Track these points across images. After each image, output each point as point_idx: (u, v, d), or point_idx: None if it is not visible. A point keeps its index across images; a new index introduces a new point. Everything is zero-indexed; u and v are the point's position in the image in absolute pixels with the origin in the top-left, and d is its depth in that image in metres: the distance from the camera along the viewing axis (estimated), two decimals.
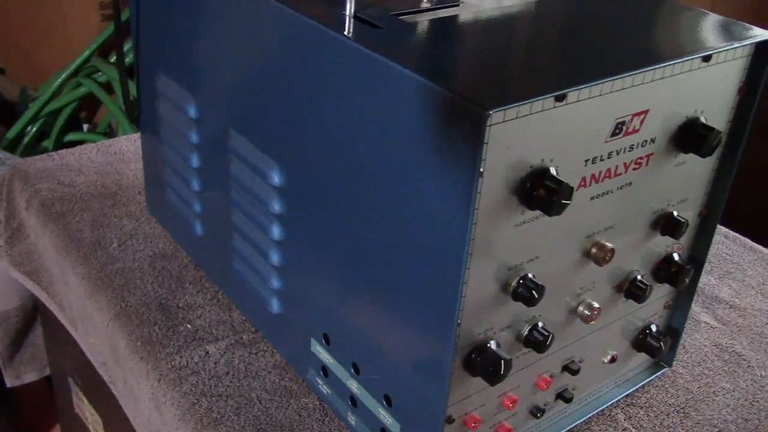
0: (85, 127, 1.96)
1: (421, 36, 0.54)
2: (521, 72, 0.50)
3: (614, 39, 0.56)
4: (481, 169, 0.44)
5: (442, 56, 0.52)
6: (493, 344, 0.53)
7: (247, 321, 0.74)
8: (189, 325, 0.73)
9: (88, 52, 1.81)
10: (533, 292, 0.51)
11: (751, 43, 0.57)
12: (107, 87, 1.81)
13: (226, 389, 0.66)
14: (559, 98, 0.47)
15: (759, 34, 0.57)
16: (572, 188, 0.48)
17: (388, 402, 0.58)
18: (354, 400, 0.61)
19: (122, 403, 0.77)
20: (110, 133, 1.89)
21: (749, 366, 0.74)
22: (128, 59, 1.57)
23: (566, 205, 0.48)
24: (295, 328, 0.66)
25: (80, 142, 1.88)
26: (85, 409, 1.01)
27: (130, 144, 1.03)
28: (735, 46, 0.56)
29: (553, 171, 0.48)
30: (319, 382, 0.65)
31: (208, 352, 0.70)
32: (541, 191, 0.48)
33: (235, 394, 0.66)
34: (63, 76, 1.84)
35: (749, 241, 0.93)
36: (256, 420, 0.64)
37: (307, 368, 0.66)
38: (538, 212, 0.49)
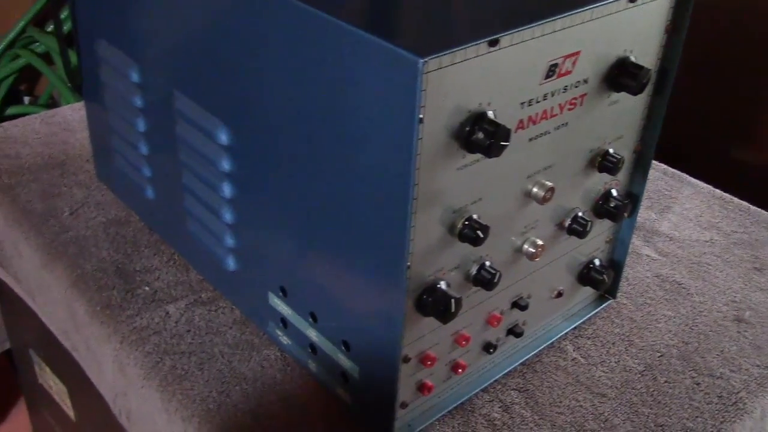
0: (26, 99, 1.92)
1: None
2: (455, 19, 0.52)
3: None
4: (421, 116, 0.46)
5: (378, 7, 0.53)
6: (443, 284, 0.55)
7: (205, 280, 0.75)
8: (147, 288, 0.74)
9: (23, 22, 1.76)
10: (478, 232, 0.54)
11: None
12: (46, 57, 1.77)
13: (188, 346, 0.68)
14: (492, 43, 0.48)
15: None
16: (509, 130, 0.50)
17: (346, 347, 0.60)
18: (314, 348, 0.64)
19: (86, 368, 0.78)
20: (52, 104, 1.86)
21: (688, 293, 0.78)
22: (66, 27, 1.55)
23: (504, 146, 0.50)
24: (252, 283, 0.68)
25: (22, 115, 1.83)
26: (48, 378, 1.01)
27: (74, 113, 1.02)
28: None
29: (490, 114, 0.50)
30: (279, 333, 0.67)
31: (168, 312, 0.71)
32: (479, 135, 0.49)
33: (197, 351, 0.68)
34: None
35: (687, 176, 0.97)
36: (219, 374, 0.66)
37: (267, 321, 0.68)
38: (478, 155, 0.51)
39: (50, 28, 1.78)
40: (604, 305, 0.75)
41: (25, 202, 0.85)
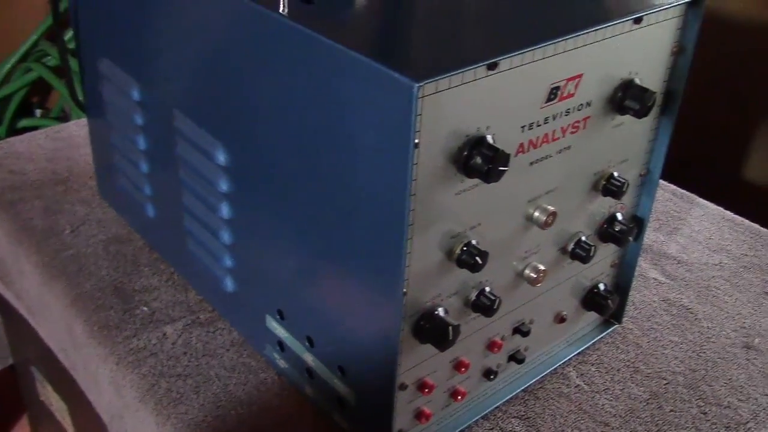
0: (38, 112, 1.93)
1: (354, 9, 0.54)
2: (453, 42, 0.51)
3: (544, 5, 0.57)
4: (416, 141, 0.45)
5: (374, 29, 0.52)
6: (441, 311, 0.54)
7: (204, 300, 0.74)
8: (145, 308, 0.73)
9: (35, 36, 1.78)
10: (477, 258, 0.53)
11: (683, 4, 0.58)
12: (57, 71, 1.78)
13: (185, 369, 0.67)
14: (491, 66, 0.47)
15: None
16: (508, 155, 0.49)
17: (342, 372, 0.59)
18: (311, 372, 0.62)
19: (84, 388, 0.77)
20: (64, 117, 1.87)
21: (696, 319, 0.76)
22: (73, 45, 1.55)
23: (503, 171, 0.49)
24: (250, 305, 0.67)
25: (34, 128, 1.84)
26: (50, 396, 1.01)
27: (79, 129, 1.02)
28: (665, 7, 0.57)
29: (489, 139, 0.49)
30: (276, 356, 0.66)
31: (165, 334, 0.71)
32: (478, 159, 0.48)
33: (193, 374, 0.67)
34: (11, 61, 1.80)
35: (696, 197, 0.95)
36: (215, 397, 0.65)
37: (264, 344, 0.67)
38: (477, 180, 0.50)
39: None
40: (609, 330, 0.73)
41: (26, 219, 0.85)
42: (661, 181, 0.97)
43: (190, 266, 0.74)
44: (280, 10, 0.52)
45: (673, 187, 0.97)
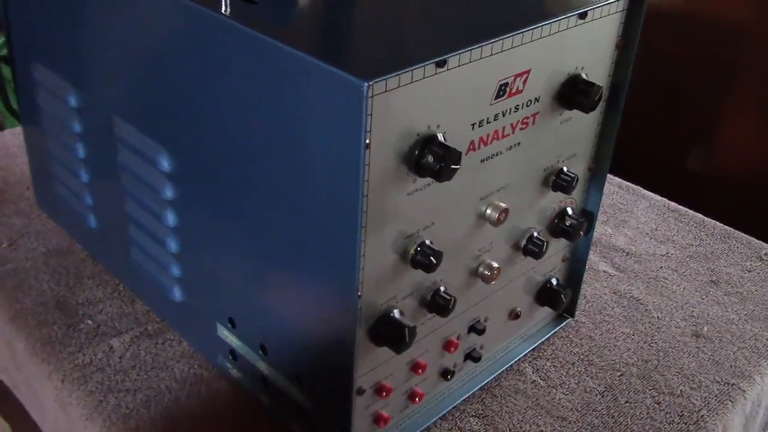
0: None
1: (299, 9, 0.53)
2: (401, 40, 0.50)
3: (491, 2, 0.57)
4: (367, 141, 0.44)
5: (321, 29, 0.52)
6: (396, 313, 0.53)
7: (151, 311, 0.72)
8: (90, 321, 0.71)
9: None
10: (431, 258, 0.52)
11: None
12: None
13: (134, 383, 0.65)
14: (440, 64, 0.47)
15: None
16: (460, 153, 0.48)
17: (298, 380, 0.58)
18: (265, 381, 0.61)
19: (27, 407, 0.74)
20: None
21: (646, 310, 0.77)
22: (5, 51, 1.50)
23: (456, 170, 0.48)
24: (200, 314, 0.65)
25: None
26: None
27: (14, 138, 0.99)
28: (610, 1, 0.57)
29: (440, 137, 0.49)
30: (229, 366, 0.64)
31: (112, 347, 0.68)
32: (429, 158, 0.48)
33: (143, 387, 0.65)
34: None
35: (642, 189, 0.97)
36: (166, 411, 0.63)
37: (216, 354, 0.65)
38: (429, 179, 0.50)
39: None
40: (562, 324, 0.74)
41: None
42: (608, 175, 0.98)
43: (136, 277, 0.72)
44: (222, 11, 0.51)
45: (618, 180, 0.98)
